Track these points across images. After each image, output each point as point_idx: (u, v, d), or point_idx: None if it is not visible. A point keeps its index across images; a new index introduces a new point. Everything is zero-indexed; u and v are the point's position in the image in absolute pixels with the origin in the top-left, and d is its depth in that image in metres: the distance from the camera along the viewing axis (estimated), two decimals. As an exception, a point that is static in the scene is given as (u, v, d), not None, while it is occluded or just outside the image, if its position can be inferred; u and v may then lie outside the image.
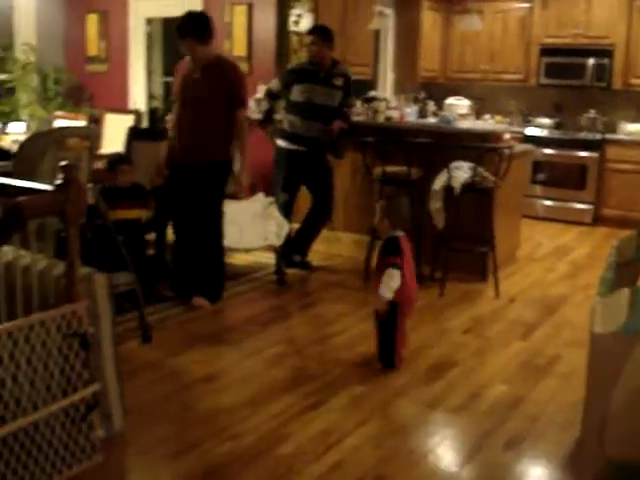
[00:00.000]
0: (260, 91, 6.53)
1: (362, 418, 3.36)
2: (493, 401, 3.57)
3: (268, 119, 5.70)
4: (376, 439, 3.17)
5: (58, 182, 2.73)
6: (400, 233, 3.98)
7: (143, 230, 4.91)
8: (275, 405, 3.44)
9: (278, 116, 5.81)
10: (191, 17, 4.56)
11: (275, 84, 5.63)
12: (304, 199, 5.74)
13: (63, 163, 2.79)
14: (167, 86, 8.52)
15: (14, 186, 2.99)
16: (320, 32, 5.46)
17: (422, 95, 6.49)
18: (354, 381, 3.75)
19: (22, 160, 3.92)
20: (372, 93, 6.25)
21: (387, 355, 3.90)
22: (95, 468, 2.89)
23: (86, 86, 8.03)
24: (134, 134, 4.74)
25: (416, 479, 2.90)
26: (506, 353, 4.18)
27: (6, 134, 6.22)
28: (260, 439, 3.14)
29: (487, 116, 8.79)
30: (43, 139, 4.01)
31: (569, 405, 3.48)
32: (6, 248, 2.99)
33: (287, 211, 5.49)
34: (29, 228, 2.84)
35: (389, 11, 8.15)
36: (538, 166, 8.11)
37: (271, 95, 5.66)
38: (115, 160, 4.75)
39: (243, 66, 6.82)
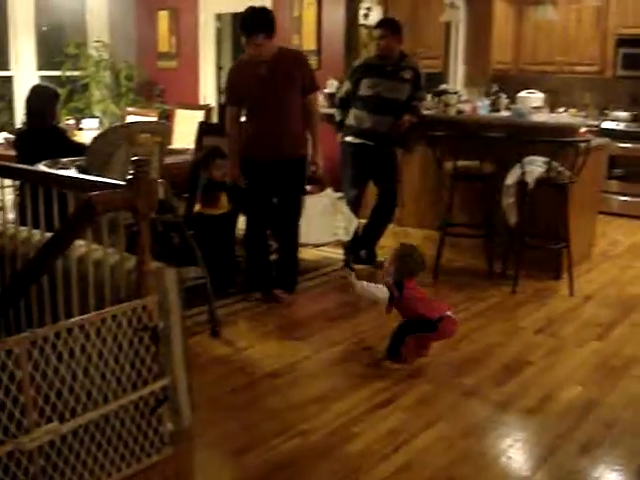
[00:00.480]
0: (330, 85, 6.50)
1: (432, 418, 3.29)
2: (567, 403, 3.46)
3: (342, 126, 5.62)
4: (446, 440, 3.11)
5: (129, 177, 2.74)
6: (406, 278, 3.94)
7: (233, 224, 5.00)
8: (344, 402, 3.41)
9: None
10: (258, 12, 4.52)
11: (346, 87, 5.54)
12: (371, 194, 5.68)
13: (134, 158, 2.80)
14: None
15: (87, 181, 3.02)
16: (389, 25, 5.38)
17: (494, 88, 6.35)
18: (424, 379, 3.69)
19: (94, 155, 3.97)
20: (443, 86, 6.14)
21: (393, 347, 3.85)
22: (164, 462, 2.91)
23: (157, 82, 8.14)
24: (204, 129, 4.74)
25: (488, 482, 2.83)
26: (581, 354, 4.05)
27: (80, 130, 6.35)
28: (328, 436, 3.11)
29: (561, 109, 8.55)
30: (115, 134, 4.06)
31: (647, 410, 3.35)
32: (79, 242, 3.02)
33: (355, 207, 5.44)
34: (102, 222, 2.85)
35: (460, 3, 8.01)
36: (614, 161, 7.85)
37: (343, 104, 5.57)
38: (211, 154, 4.78)
39: (312, 60, 6.82)
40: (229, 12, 8.16)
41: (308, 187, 5.50)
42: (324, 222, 5.16)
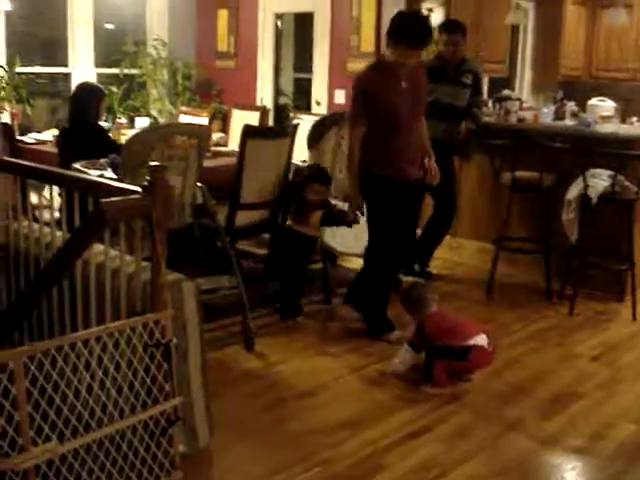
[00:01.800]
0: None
1: (468, 452, 3.04)
2: (619, 444, 3.15)
3: None
4: (482, 477, 2.85)
5: (144, 184, 2.57)
6: (433, 313, 3.75)
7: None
8: (374, 429, 3.18)
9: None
10: (405, 19, 4.03)
11: None
12: (427, 204, 5.42)
13: (152, 163, 2.63)
14: (297, 82, 8.41)
15: (104, 185, 2.87)
16: (459, 30, 5.12)
17: (559, 95, 6.02)
18: (463, 408, 3.43)
19: (129, 156, 3.84)
20: (505, 92, 5.84)
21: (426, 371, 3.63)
22: (178, 485, 2.73)
23: (216, 81, 8.02)
24: (249, 132, 4.56)
25: (523, 531, 2.57)
26: (638, 387, 3.73)
27: (132, 129, 6.26)
28: (353, 467, 2.89)
29: (634, 119, 8.10)
30: (150, 136, 3.91)
31: None
32: (99, 248, 2.87)
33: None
34: (123, 228, 2.68)
35: (529, 5, 7.68)
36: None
37: None
38: (311, 175, 4.54)
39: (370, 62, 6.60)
40: (290, 12, 7.98)
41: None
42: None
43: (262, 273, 4.92)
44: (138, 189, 2.63)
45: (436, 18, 6.29)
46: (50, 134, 5.75)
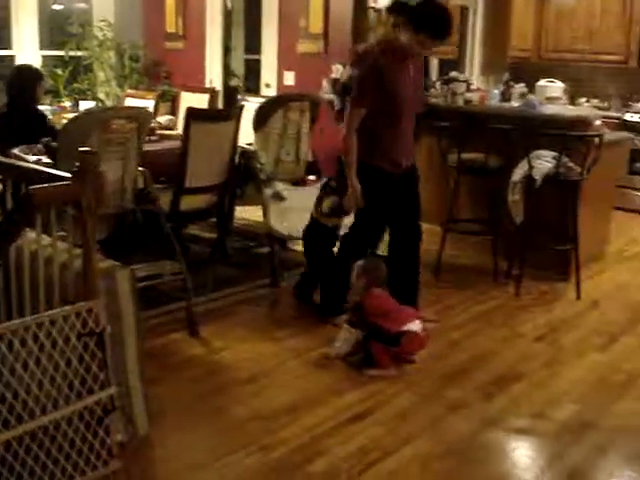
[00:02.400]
0: (335, 71, 6.22)
1: (410, 434, 3.05)
2: (559, 424, 3.18)
3: (342, 116, 5.28)
4: (421, 461, 2.86)
5: (74, 170, 2.51)
6: (377, 291, 3.71)
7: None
8: (316, 414, 3.17)
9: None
10: (430, 9, 3.84)
11: (348, 73, 5.23)
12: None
13: (82, 149, 2.56)
14: (249, 64, 8.31)
15: (34, 171, 2.80)
16: (404, 12, 5.06)
17: (506, 77, 6.03)
18: (407, 390, 3.43)
19: (67, 141, 3.74)
20: (452, 74, 5.83)
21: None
22: (115, 475, 2.69)
23: (164, 63, 7.90)
24: (193, 115, 4.49)
25: (460, 512, 2.59)
26: (580, 367, 3.76)
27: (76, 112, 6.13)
28: (292, 453, 2.87)
29: (583, 100, 8.20)
30: (88, 120, 3.83)
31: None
32: (33, 235, 2.81)
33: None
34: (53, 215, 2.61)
35: (479, -14, 7.68)
36: (636, 155, 7.51)
37: (345, 90, 5.22)
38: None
39: (318, 44, 6.57)
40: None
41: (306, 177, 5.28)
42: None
43: (208, 258, 4.89)
44: (69, 175, 2.58)
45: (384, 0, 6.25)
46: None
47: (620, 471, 2.86)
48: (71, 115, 5.68)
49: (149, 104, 6.12)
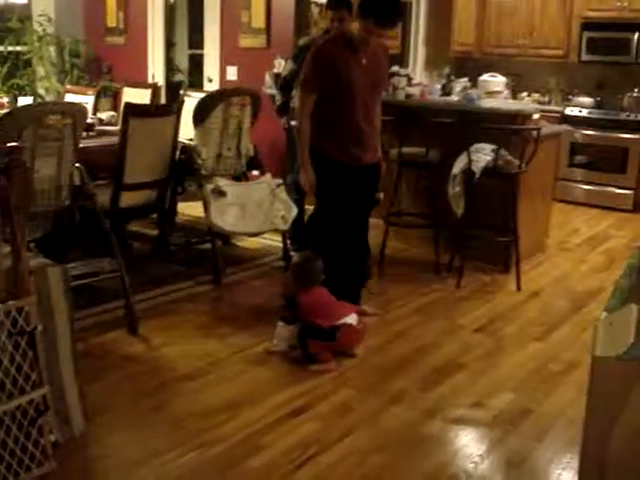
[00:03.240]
0: (278, 66, 6.21)
1: (349, 427, 3.05)
2: (498, 413, 3.22)
3: (285, 109, 5.29)
4: (360, 453, 2.87)
5: (1, 166, 2.46)
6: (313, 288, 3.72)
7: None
8: (255, 410, 3.15)
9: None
10: None
11: (289, 67, 5.21)
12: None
13: (9, 145, 2.51)
14: (193, 59, 8.24)
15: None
16: (343, 5, 5.07)
17: (447, 71, 6.08)
18: (347, 384, 3.44)
19: (1, 136, 3.67)
20: (393, 68, 5.85)
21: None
22: (51, 475, 2.65)
23: (105, 58, 7.79)
24: (131, 111, 4.43)
25: (397, 504, 2.60)
26: (519, 356, 3.82)
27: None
28: (231, 449, 2.86)
29: (524, 94, 8.31)
30: (21, 115, 3.74)
31: (580, 422, 3.11)
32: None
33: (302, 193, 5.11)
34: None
35: (421, -19, 7.73)
36: (577, 148, 7.66)
37: (287, 85, 5.15)
38: None
39: (261, 39, 6.54)
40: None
41: (248, 172, 5.25)
42: (261, 210, 4.88)
43: (150, 254, 4.84)
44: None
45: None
46: None
47: (559, 457, 2.90)
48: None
49: (89, 100, 6.03)
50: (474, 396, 3.37)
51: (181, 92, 6.87)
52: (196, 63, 8.00)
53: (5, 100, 6.14)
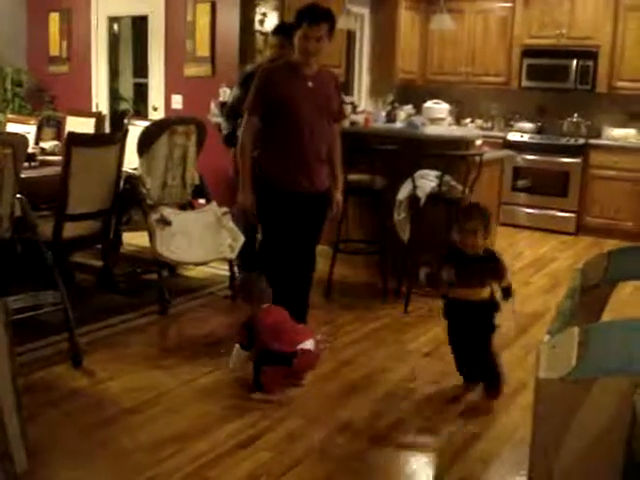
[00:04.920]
0: (223, 94, 6.21)
1: (296, 458, 3.02)
2: (447, 437, 3.23)
3: (233, 140, 5.19)
4: (309, 483, 2.84)
5: None
6: (272, 309, 3.67)
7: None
8: (202, 442, 3.10)
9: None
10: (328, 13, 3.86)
11: (234, 94, 5.18)
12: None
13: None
14: (138, 87, 8.20)
15: None
16: (287, 33, 5.10)
17: (390, 98, 6.15)
18: (295, 413, 3.41)
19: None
20: (339, 96, 5.92)
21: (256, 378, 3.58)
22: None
23: (48, 87, 7.71)
24: (73, 140, 4.38)
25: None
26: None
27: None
28: (178, 483, 2.81)
29: (467, 120, 8.47)
30: (-41, 146, 3.68)
31: (527, 444, 3.13)
32: None
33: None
34: None
35: (364, 11, 7.83)
36: (519, 172, 7.82)
37: (233, 112, 5.03)
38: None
39: (205, 68, 6.54)
40: (124, 15, 7.77)
41: (194, 201, 5.22)
42: (208, 238, 4.85)
43: (95, 286, 4.77)
44: None
45: (270, 22, 6.30)
46: None
47: (509, 478, 2.91)
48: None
49: (31, 129, 5.96)
50: (423, 422, 3.37)
51: (125, 121, 6.82)
52: (141, 92, 7.96)
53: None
